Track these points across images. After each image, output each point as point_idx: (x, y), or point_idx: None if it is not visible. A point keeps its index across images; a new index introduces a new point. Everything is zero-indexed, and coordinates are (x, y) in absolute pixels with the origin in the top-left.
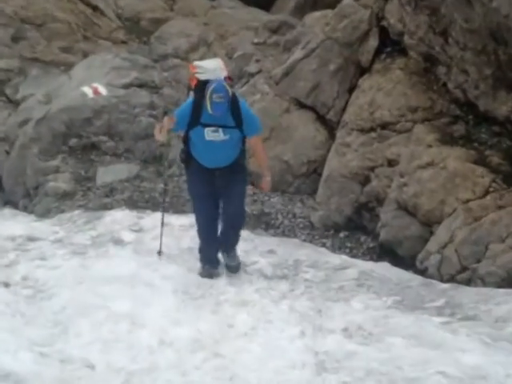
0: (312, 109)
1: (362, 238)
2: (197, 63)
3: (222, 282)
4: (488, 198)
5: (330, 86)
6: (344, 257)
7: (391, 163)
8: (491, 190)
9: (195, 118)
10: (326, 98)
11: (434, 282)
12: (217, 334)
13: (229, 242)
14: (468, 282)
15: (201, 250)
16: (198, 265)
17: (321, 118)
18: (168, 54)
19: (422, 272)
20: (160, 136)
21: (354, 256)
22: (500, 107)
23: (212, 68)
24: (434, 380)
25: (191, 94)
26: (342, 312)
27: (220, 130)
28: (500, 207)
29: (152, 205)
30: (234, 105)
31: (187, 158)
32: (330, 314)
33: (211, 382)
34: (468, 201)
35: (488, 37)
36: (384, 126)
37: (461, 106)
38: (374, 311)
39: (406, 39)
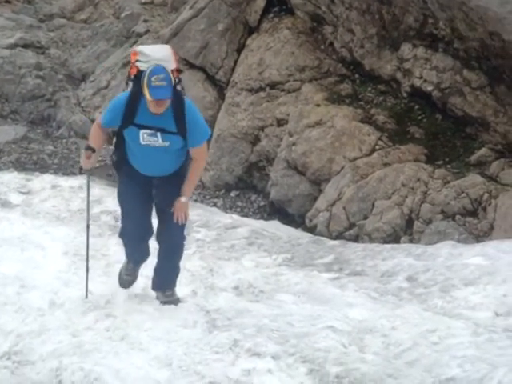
0: (201, 69)
1: (253, 197)
2: (140, 48)
3: (113, 242)
4: (374, 155)
5: (219, 46)
6: (235, 216)
7: (280, 123)
8: (377, 147)
9: (129, 116)
10: (214, 58)
11: (322, 238)
12: (108, 294)
13: (165, 281)
14: (356, 239)
15: (126, 247)
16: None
17: (210, 78)
18: (54, 14)
19: (312, 229)
20: (88, 163)
21: (244, 215)
22: (385, 66)
23: (158, 57)
24: (323, 334)
25: (129, 86)
26: (233, 270)
27: (158, 134)
28: (386, 164)
29: (40, 167)
30: (177, 106)
31: (120, 160)
32: (222, 272)
33: (103, 342)
34: (355, 159)
35: None
36: (273, 85)
37: (347, 65)
38: (265, 269)
39: None
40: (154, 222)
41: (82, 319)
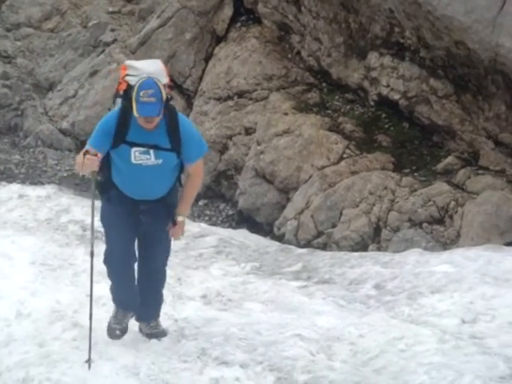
0: (169, 78)
1: (221, 206)
2: (130, 62)
3: (80, 252)
4: (342, 164)
5: (187, 55)
6: (203, 225)
7: (248, 131)
8: (345, 156)
9: (120, 133)
10: (182, 68)
11: (291, 247)
12: (75, 304)
13: (149, 311)
14: (324, 247)
15: (112, 291)
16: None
17: (178, 87)
18: (20, 23)
19: (280, 238)
20: (87, 168)
21: (213, 224)
22: (352, 75)
23: (149, 71)
24: (291, 342)
25: (117, 103)
26: (201, 279)
27: (151, 151)
28: (353, 173)
29: (7, 176)
30: (171, 121)
31: (106, 182)
32: (190, 281)
33: (70, 351)
34: (323, 167)
35: (339, 5)
36: (241, 94)
37: (315, 73)
38: (233, 277)
39: (260, 8)
40: None
41: (49, 329)
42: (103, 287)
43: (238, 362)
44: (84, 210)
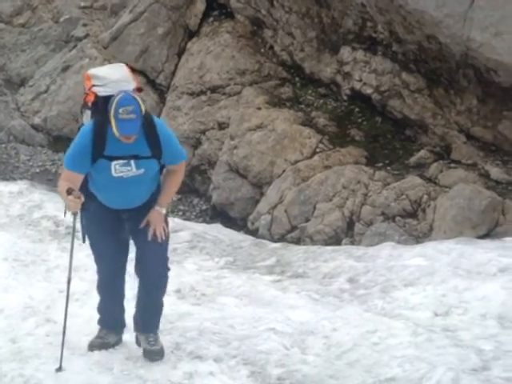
0: (142, 73)
1: (195, 201)
2: (93, 72)
3: (53, 248)
4: (315, 158)
5: (159, 50)
6: (177, 220)
7: (222, 126)
8: (318, 150)
9: (98, 149)
10: (155, 62)
11: (264, 241)
12: (48, 300)
13: (148, 321)
14: (297, 241)
15: (99, 309)
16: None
17: (151, 82)
18: None
19: (254, 232)
20: (69, 210)
21: (187, 219)
22: (325, 69)
23: (115, 78)
24: (265, 336)
25: (86, 115)
26: (175, 274)
27: (132, 162)
28: (326, 167)
29: None
30: (149, 127)
31: (84, 197)
32: None
33: (43, 347)
34: (296, 162)
35: (311, 0)
36: (214, 89)
37: (288, 68)
38: (207, 272)
39: (233, 2)
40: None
41: (22, 325)
42: (76, 283)
43: (212, 356)
44: (57, 206)
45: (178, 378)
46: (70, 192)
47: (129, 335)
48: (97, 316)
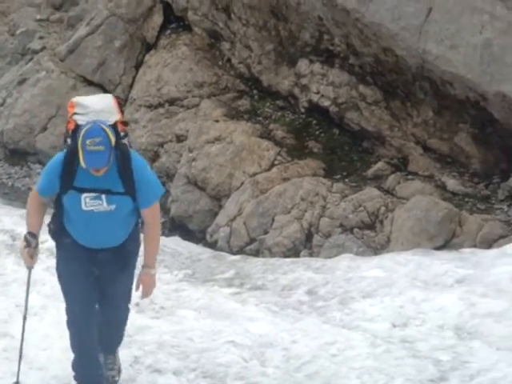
0: (99, 86)
1: None
2: (78, 100)
3: (10, 262)
4: (274, 170)
5: (117, 63)
6: None
7: (180, 139)
8: (276, 162)
9: (67, 178)
10: (112, 75)
11: (223, 254)
12: (5, 314)
13: (108, 347)
14: (256, 253)
15: (74, 366)
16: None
17: None
18: None
19: (212, 245)
20: (33, 260)
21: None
22: (282, 82)
23: (98, 108)
24: (224, 349)
25: (68, 143)
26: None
27: (103, 196)
28: (285, 179)
29: None
30: (123, 161)
31: (58, 230)
32: None
33: (0, 362)
34: (255, 174)
35: (268, 13)
36: (171, 101)
37: (245, 81)
38: (166, 285)
39: (190, 15)
40: None
41: None
42: (34, 297)
43: (171, 370)
44: (13, 220)
45: None
46: (27, 244)
47: None
48: (54, 333)
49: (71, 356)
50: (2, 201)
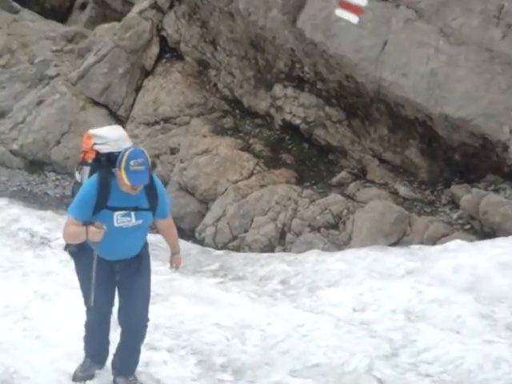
0: (105, 106)
1: None
2: (94, 132)
3: (29, 255)
4: (253, 178)
5: (120, 87)
6: None
7: (173, 151)
8: (255, 171)
9: (102, 200)
10: (116, 97)
11: (210, 249)
12: (25, 300)
13: (129, 366)
14: (238, 249)
15: (86, 341)
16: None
17: (113, 114)
18: None
19: (201, 242)
20: (99, 236)
21: None
22: (260, 103)
23: (115, 137)
24: (210, 330)
25: (84, 171)
26: None
27: (132, 213)
28: (262, 186)
29: None
30: (149, 182)
31: (80, 249)
32: None
33: (21, 340)
34: (237, 181)
35: (249, 45)
36: (166, 119)
37: (229, 102)
38: (161, 276)
39: (182, 47)
40: None
41: (3, 321)
42: (49, 285)
43: (165, 348)
44: (32, 220)
45: None
46: (89, 224)
47: None
48: (67, 316)
49: (82, 335)
50: (23, 204)
